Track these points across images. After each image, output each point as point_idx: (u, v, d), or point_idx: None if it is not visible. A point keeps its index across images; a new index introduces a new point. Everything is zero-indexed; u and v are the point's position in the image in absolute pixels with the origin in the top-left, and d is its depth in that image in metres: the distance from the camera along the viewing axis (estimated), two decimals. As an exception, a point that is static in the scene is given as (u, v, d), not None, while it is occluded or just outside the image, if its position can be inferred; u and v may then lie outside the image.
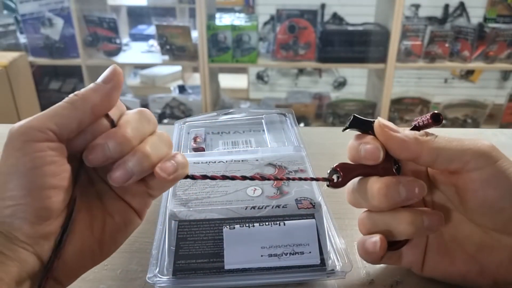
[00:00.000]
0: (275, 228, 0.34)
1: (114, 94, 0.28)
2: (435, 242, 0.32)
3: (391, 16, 1.62)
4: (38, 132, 0.24)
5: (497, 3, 2.10)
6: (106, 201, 0.29)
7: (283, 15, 1.73)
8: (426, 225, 0.29)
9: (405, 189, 0.29)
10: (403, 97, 1.97)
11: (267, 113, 0.53)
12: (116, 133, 0.27)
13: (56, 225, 0.26)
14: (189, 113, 1.96)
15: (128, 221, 0.30)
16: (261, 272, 0.33)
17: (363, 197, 0.31)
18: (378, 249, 0.30)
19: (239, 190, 0.37)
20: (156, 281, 0.32)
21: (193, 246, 0.33)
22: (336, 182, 0.31)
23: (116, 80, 0.28)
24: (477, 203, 0.29)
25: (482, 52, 1.75)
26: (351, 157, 0.31)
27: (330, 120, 2.00)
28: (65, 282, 0.27)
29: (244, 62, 1.77)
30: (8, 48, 1.77)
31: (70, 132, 0.26)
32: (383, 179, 0.29)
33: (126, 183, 0.27)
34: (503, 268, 0.29)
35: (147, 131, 0.29)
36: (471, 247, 0.30)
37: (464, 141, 0.29)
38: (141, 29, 2.19)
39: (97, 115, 0.27)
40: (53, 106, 0.26)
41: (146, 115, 0.29)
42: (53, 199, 0.25)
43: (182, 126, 0.52)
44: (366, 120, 0.30)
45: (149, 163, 0.27)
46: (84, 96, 0.27)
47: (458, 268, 0.31)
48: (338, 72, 2.49)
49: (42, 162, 0.24)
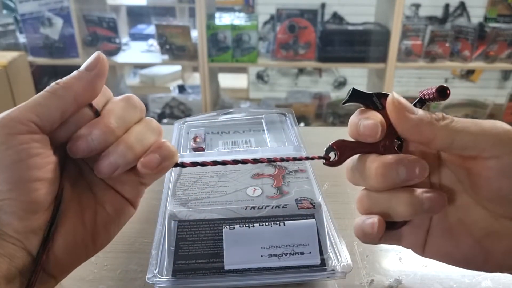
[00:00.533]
0: (275, 228, 0.34)
1: (98, 82, 0.27)
2: (439, 224, 0.30)
3: (391, 16, 1.62)
4: (20, 125, 0.24)
5: (497, 2, 2.10)
6: (96, 191, 0.29)
7: (283, 14, 1.73)
8: (426, 207, 0.27)
9: (405, 169, 0.27)
10: (403, 97, 1.97)
11: (267, 113, 0.53)
12: (99, 123, 0.26)
13: (45, 218, 0.25)
14: (188, 113, 1.96)
15: (121, 211, 0.29)
16: (261, 273, 0.33)
17: (362, 175, 0.29)
18: (376, 230, 0.28)
19: (239, 190, 0.37)
20: (155, 282, 0.32)
21: (193, 246, 0.33)
22: (333, 160, 0.30)
23: (100, 67, 0.27)
24: (490, 191, 0.27)
25: (482, 52, 1.75)
26: (350, 133, 0.29)
27: (330, 120, 2.00)
28: (58, 276, 0.27)
29: (244, 61, 1.76)
30: (8, 48, 1.76)
31: (53, 123, 0.25)
32: (382, 157, 0.28)
33: (112, 175, 0.27)
34: (509, 255, 0.28)
35: (133, 119, 0.28)
36: (478, 232, 0.28)
37: (482, 124, 0.26)
38: (140, 29, 2.19)
39: (81, 104, 0.26)
40: (34, 96, 0.25)
41: (132, 102, 0.28)
42: (40, 192, 0.24)
43: (182, 126, 0.51)
44: (365, 93, 0.29)
45: (133, 155, 0.27)
46: (66, 84, 0.26)
47: (462, 252, 0.29)
48: (338, 71, 2.49)
49: (26, 155, 0.24)
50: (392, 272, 0.36)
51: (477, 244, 0.28)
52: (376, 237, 0.29)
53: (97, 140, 0.26)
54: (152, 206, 0.45)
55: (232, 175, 0.39)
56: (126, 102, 0.28)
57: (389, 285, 0.35)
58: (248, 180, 0.38)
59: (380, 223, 0.28)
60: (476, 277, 0.36)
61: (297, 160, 0.31)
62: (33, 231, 0.25)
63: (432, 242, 0.30)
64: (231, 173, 0.39)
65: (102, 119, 0.26)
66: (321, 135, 0.28)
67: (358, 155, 0.30)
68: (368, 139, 0.28)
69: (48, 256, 0.25)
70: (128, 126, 0.27)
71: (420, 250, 0.31)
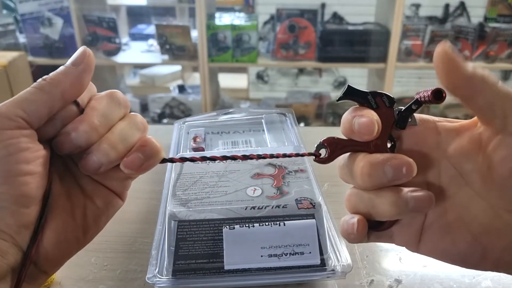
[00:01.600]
0: (275, 228, 0.34)
1: (85, 77, 0.27)
2: (437, 221, 0.29)
3: (391, 16, 1.62)
4: (8, 120, 0.24)
5: (497, 2, 2.10)
6: (84, 186, 0.29)
7: (283, 14, 1.73)
8: (411, 207, 0.26)
9: (392, 168, 0.26)
10: (404, 97, 1.97)
11: (267, 113, 0.53)
12: (82, 121, 0.26)
13: (36, 213, 0.25)
14: (188, 113, 1.96)
15: (110, 204, 0.29)
16: (261, 273, 0.33)
17: (350, 174, 0.29)
18: (355, 231, 0.28)
19: (239, 190, 0.37)
20: (155, 282, 0.32)
21: (193, 246, 0.33)
22: (323, 157, 0.29)
23: (87, 62, 0.27)
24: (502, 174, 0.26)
25: (482, 52, 1.75)
26: (343, 131, 0.28)
27: (330, 120, 2.00)
28: (50, 271, 0.27)
29: (244, 61, 1.76)
30: (8, 48, 1.76)
31: (41, 118, 0.25)
32: (369, 156, 0.27)
33: (96, 172, 0.27)
34: (507, 253, 0.27)
35: (116, 116, 0.28)
36: (477, 228, 0.28)
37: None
38: (140, 29, 2.19)
39: (68, 100, 0.26)
40: (21, 92, 0.25)
41: (116, 98, 0.28)
42: (30, 186, 0.24)
43: (182, 126, 0.51)
44: (361, 91, 0.28)
45: (116, 154, 0.27)
46: (53, 80, 0.26)
47: (459, 249, 0.28)
48: (338, 71, 2.48)
49: (16, 149, 0.24)
50: (392, 272, 0.36)
51: (475, 241, 0.28)
52: (358, 237, 0.28)
53: (81, 139, 0.26)
54: (152, 206, 0.45)
55: (232, 175, 0.39)
56: (110, 99, 0.28)
57: (389, 285, 0.35)
58: (248, 180, 0.38)
59: (360, 223, 0.28)
60: (476, 277, 0.36)
61: (287, 157, 0.30)
62: (24, 225, 0.25)
63: (428, 239, 0.29)
64: (231, 173, 0.39)
65: (86, 117, 0.26)
66: (321, 135, 0.28)
67: (349, 153, 0.29)
68: (363, 137, 0.27)
69: (39, 251, 0.25)
70: (111, 124, 0.27)
71: (413, 247, 0.30)
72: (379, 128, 0.27)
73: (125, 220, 0.43)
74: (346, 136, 0.29)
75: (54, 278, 0.36)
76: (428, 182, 0.29)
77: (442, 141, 0.29)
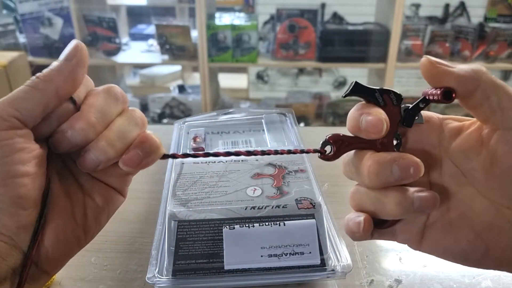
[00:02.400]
0: (275, 228, 0.34)
1: (79, 72, 0.26)
2: (440, 219, 0.29)
3: (391, 16, 1.62)
4: (1, 120, 0.23)
5: (497, 2, 2.10)
6: (83, 183, 0.28)
7: (283, 14, 1.73)
8: (416, 207, 0.26)
9: (399, 168, 0.26)
10: (404, 97, 1.97)
11: (267, 113, 0.53)
12: (79, 119, 0.25)
13: (36, 214, 0.25)
14: (188, 113, 1.96)
15: (110, 201, 0.29)
16: (261, 273, 0.33)
17: (356, 171, 0.28)
18: (361, 230, 0.28)
19: (239, 190, 0.37)
20: (155, 282, 0.32)
21: (193, 246, 0.33)
22: (328, 154, 0.29)
23: (80, 56, 0.26)
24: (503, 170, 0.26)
25: (482, 52, 1.75)
26: (350, 128, 0.28)
27: (330, 120, 2.00)
28: (51, 271, 0.26)
29: (244, 61, 1.76)
30: (8, 48, 1.76)
31: (35, 117, 0.25)
32: (376, 155, 0.27)
33: (95, 170, 0.26)
34: (509, 251, 0.27)
35: (114, 112, 0.27)
36: (479, 226, 0.28)
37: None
38: (140, 29, 2.19)
39: (62, 97, 0.26)
40: (14, 90, 0.25)
41: (113, 93, 0.28)
42: (28, 187, 0.24)
43: (182, 126, 0.51)
44: (368, 88, 0.28)
45: (114, 151, 0.26)
46: (46, 77, 0.25)
47: (462, 247, 0.28)
48: (338, 71, 2.48)
49: (11, 150, 0.23)
50: (392, 272, 0.36)
51: (477, 239, 0.28)
52: (363, 236, 0.28)
53: (77, 137, 0.25)
54: (152, 206, 0.45)
55: (232, 175, 0.39)
56: (107, 94, 0.27)
57: (389, 285, 0.35)
58: (248, 180, 0.38)
59: (366, 222, 0.28)
60: (476, 277, 0.36)
61: (291, 153, 0.30)
62: (24, 227, 0.24)
63: (430, 237, 0.29)
64: (231, 173, 0.39)
65: (82, 114, 0.26)
66: (321, 135, 0.28)
67: (354, 150, 0.29)
68: (371, 135, 0.27)
69: (39, 251, 0.25)
70: (109, 120, 0.27)
71: (416, 245, 0.30)
72: (388, 127, 0.27)
73: (125, 220, 0.43)
74: (353, 133, 0.28)
75: (54, 278, 0.36)
76: (431, 180, 0.29)
77: (444, 139, 0.29)
